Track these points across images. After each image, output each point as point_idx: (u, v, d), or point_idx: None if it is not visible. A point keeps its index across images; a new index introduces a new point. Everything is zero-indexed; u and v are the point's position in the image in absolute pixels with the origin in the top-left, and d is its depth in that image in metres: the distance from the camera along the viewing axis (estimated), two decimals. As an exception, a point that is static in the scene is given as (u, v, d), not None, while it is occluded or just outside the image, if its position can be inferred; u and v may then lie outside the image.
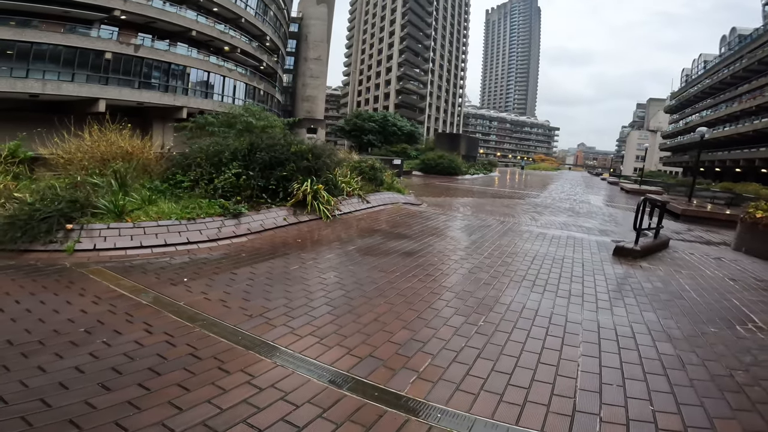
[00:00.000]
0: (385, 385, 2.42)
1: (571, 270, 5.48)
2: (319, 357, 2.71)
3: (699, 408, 2.30)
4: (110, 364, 2.46)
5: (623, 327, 3.53)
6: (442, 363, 2.70)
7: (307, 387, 2.35)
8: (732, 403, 2.36)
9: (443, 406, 2.25)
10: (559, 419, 2.19)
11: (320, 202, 7.49)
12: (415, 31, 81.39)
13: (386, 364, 2.66)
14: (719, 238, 10.98)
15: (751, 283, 5.46)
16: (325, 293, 3.87)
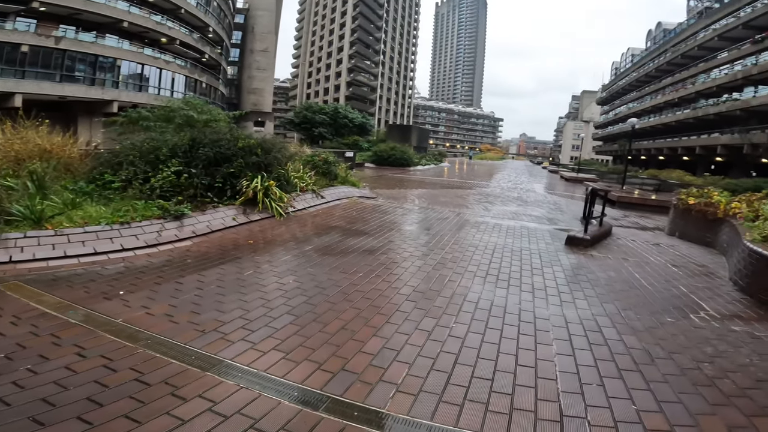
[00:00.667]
0: (363, 403, 2.21)
1: (530, 262, 5.54)
2: (287, 375, 2.44)
3: (679, 405, 2.30)
4: (40, 394, 2.08)
5: (589, 321, 3.55)
6: (420, 372, 2.53)
7: (279, 411, 2.08)
8: (708, 398, 2.39)
9: (429, 422, 2.07)
10: (548, 426, 2.09)
11: (272, 199, 7.06)
12: (366, 23, 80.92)
13: (362, 378, 2.45)
14: (653, 223, 11.80)
15: (692, 268, 5.81)
16: (286, 300, 3.57)
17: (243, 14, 50.78)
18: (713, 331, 3.44)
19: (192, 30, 35.65)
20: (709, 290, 4.71)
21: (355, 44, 78.30)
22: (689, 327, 3.52)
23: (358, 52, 78.79)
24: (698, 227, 8.49)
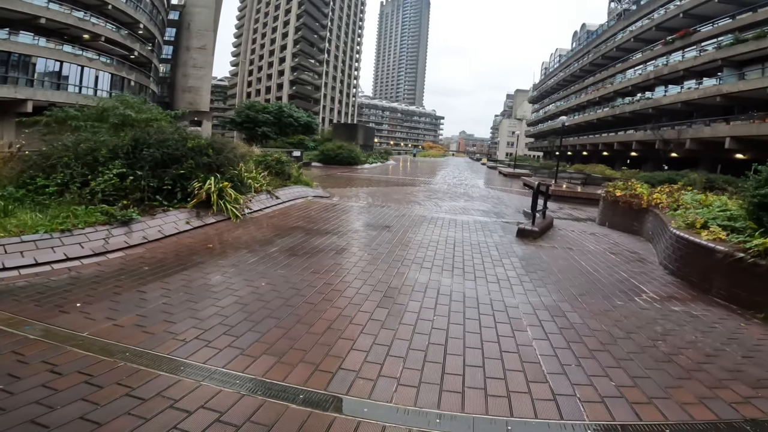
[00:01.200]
0: (370, 399, 2.24)
1: (489, 254, 5.84)
2: (287, 378, 2.40)
3: (649, 380, 2.57)
4: (26, 416, 1.90)
5: (553, 306, 3.84)
6: (415, 366, 2.60)
7: (290, 414, 2.06)
8: (671, 372, 2.68)
9: (436, 410, 2.15)
10: (545, 405, 2.26)
11: (227, 201, 6.79)
12: (311, 21, 79.71)
13: (361, 375, 2.48)
14: (585, 214, 12.86)
15: (627, 255, 6.44)
16: (264, 304, 3.48)
17: (178, 11, 48.55)
18: (658, 312, 3.86)
19: (120, 26, 33.48)
20: (645, 275, 5.27)
21: (300, 42, 77.12)
22: (637, 309, 3.92)
23: (302, 50, 77.70)
24: (625, 217, 9.39)
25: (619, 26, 45.15)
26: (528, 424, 2.12)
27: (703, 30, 31.43)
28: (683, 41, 33.24)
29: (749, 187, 4.85)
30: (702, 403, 2.32)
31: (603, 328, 3.36)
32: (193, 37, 48.16)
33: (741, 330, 3.48)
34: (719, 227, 4.98)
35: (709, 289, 4.46)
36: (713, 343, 3.17)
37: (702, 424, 2.14)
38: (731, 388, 2.47)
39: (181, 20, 48.93)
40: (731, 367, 2.78)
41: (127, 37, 34.57)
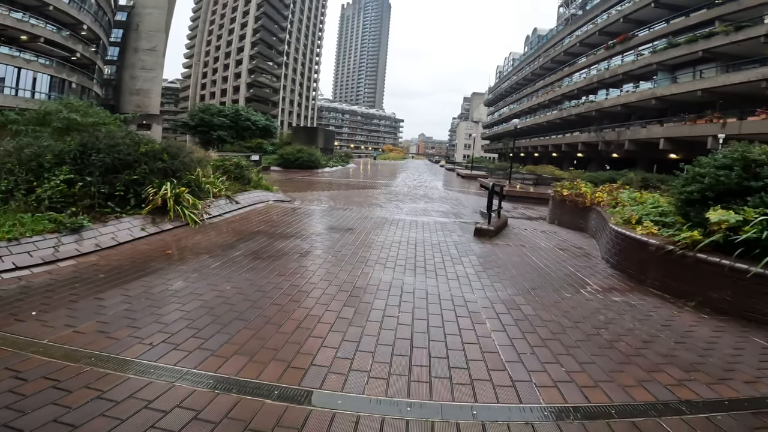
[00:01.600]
0: (343, 391, 2.35)
1: (449, 252, 6.10)
2: (260, 376, 2.47)
3: (594, 365, 2.83)
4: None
5: (509, 300, 4.12)
6: (384, 358, 2.73)
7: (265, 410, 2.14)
8: (613, 358, 2.97)
9: (405, 399, 2.30)
10: (506, 390, 2.47)
11: (185, 206, 6.66)
12: (270, 23, 78.39)
13: (333, 370, 2.59)
14: (536, 213, 13.57)
15: (573, 251, 6.93)
16: (230, 307, 3.49)
17: (126, 12, 46.40)
18: (600, 303, 4.22)
19: (61, 27, 31.91)
20: (590, 269, 5.71)
21: (258, 44, 75.73)
22: (583, 300, 4.27)
23: (260, 52, 76.35)
24: (572, 215, 10.04)
25: (567, 31, 47.29)
26: (491, 408, 2.30)
27: (640, 34, 33.42)
28: (623, 45, 35.36)
29: (677, 185, 5.39)
30: (641, 386, 2.58)
31: (553, 319, 3.66)
32: (143, 39, 46.17)
33: (674, 318, 3.87)
34: (652, 222, 5.51)
35: (645, 280, 4.93)
36: (649, 330, 3.51)
37: (642, 405, 2.38)
38: (666, 372, 2.77)
39: (129, 21, 46.93)
40: (666, 353, 3.09)
41: (69, 38, 33.05)
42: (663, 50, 29.84)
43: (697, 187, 4.90)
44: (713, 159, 5.18)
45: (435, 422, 2.15)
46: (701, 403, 2.40)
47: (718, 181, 4.74)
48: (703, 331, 3.54)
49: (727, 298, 3.95)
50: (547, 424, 2.18)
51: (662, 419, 2.23)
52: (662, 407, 2.36)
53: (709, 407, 2.38)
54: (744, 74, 23.35)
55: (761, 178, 4.50)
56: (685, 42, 27.54)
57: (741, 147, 5.01)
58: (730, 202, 4.58)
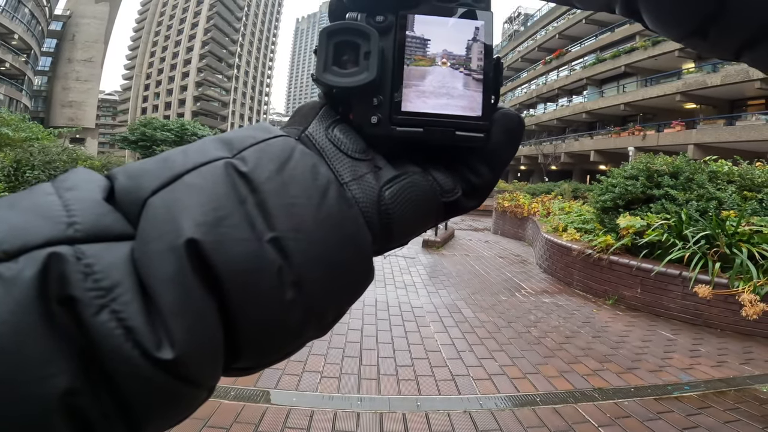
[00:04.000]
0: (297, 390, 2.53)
1: (398, 263, 6.41)
2: None
3: (524, 359, 3.19)
4: None
5: (451, 305, 4.47)
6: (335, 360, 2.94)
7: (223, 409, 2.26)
8: (540, 352, 3.35)
9: (357, 394, 2.52)
10: (446, 384, 2.75)
11: None
12: (220, 36, 76.21)
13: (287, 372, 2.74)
14: (482, 225, 14.31)
15: (512, 258, 7.50)
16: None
17: (62, 21, 43.60)
18: (532, 304, 4.69)
19: None
20: (525, 274, 6.26)
21: (206, 57, 73.30)
22: (517, 302, 4.73)
23: (209, 65, 73.93)
24: (512, 225, 10.78)
25: (510, 46, 48.81)
26: (433, 399, 2.57)
27: (573, 50, 34.99)
28: (558, 61, 36.82)
29: (594, 195, 6.09)
30: (562, 376, 2.94)
31: (490, 320, 4.04)
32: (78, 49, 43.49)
33: (593, 315, 4.36)
34: (575, 229, 6.15)
35: (572, 283, 5.50)
36: (572, 327, 3.95)
37: (562, 392, 2.73)
38: (584, 363, 3.16)
39: (64, 31, 44.17)
40: (584, 346, 3.50)
41: (-1, 47, 30.66)
42: (592, 65, 31.13)
43: (609, 196, 5.58)
44: (623, 170, 5.91)
45: (383, 413, 2.38)
46: (611, 390, 2.77)
47: (626, 191, 5.43)
48: (617, 326, 4.05)
49: (638, 296, 4.55)
50: (482, 411, 2.46)
51: (578, 405, 2.57)
52: (579, 395, 2.70)
53: (618, 394, 2.74)
54: (660, 88, 25.27)
55: (662, 186, 5.23)
56: (610, 57, 28.98)
57: (646, 159, 5.77)
58: (636, 209, 5.27)
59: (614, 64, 28.71)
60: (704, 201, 4.93)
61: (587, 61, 32.68)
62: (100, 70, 45.29)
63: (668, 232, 4.59)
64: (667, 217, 4.78)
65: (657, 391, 2.77)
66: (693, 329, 3.96)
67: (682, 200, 5.01)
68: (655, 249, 4.63)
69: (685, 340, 3.70)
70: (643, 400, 2.65)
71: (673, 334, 3.83)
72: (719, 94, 22.71)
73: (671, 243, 4.44)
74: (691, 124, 23.76)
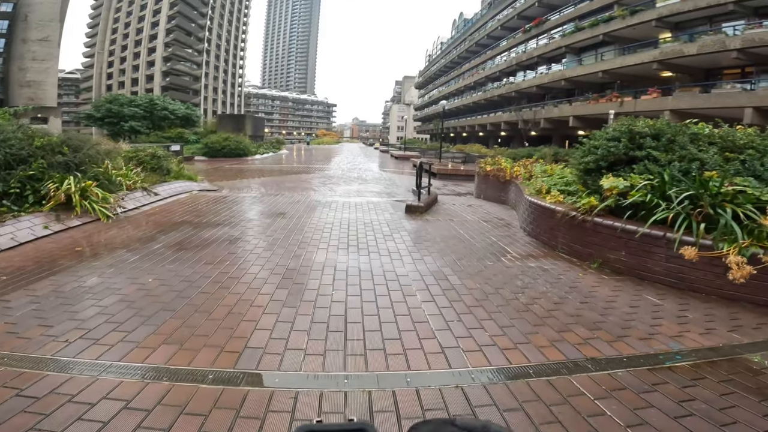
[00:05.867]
0: (279, 370, 2.40)
1: (381, 230, 6.27)
2: (192, 363, 2.45)
3: (513, 328, 3.10)
4: None
5: (437, 272, 4.36)
6: (319, 336, 2.81)
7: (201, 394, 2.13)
8: (529, 320, 3.25)
9: (343, 372, 2.40)
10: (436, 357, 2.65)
11: (93, 201, 6.16)
12: (188, 9, 73.10)
13: (268, 351, 2.61)
14: (465, 189, 14.26)
15: (496, 222, 7.44)
16: (154, 299, 3.35)
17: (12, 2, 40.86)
18: (518, 269, 4.61)
19: None
20: (509, 238, 6.19)
21: (174, 31, 70.79)
22: (503, 267, 4.64)
23: (177, 39, 71.40)
24: (495, 189, 10.72)
25: (490, 15, 48.54)
26: (423, 374, 2.46)
27: (552, 18, 35.27)
28: (538, 29, 37.27)
29: (577, 157, 5.99)
30: (553, 346, 2.84)
31: (477, 287, 3.95)
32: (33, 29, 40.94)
33: (579, 279, 4.30)
34: (558, 192, 6.09)
35: (556, 246, 5.47)
36: (558, 293, 3.87)
37: (555, 363, 2.63)
38: (574, 332, 3.07)
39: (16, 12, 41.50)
40: (573, 313, 3.42)
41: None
42: (570, 34, 31.81)
43: (592, 158, 5.49)
44: (605, 132, 5.81)
45: (372, 391, 2.26)
46: (604, 361, 2.68)
47: (609, 152, 5.34)
48: (604, 291, 4.00)
49: (622, 258, 4.52)
50: (474, 386, 2.36)
51: (572, 377, 2.49)
52: (572, 366, 2.60)
53: (611, 364, 2.61)
54: (637, 56, 25.71)
55: (644, 147, 5.15)
56: (588, 26, 29.46)
57: (627, 121, 5.67)
58: (619, 170, 5.20)
59: (593, 33, 29.06)
60: (686, 162, 4.88)
61: (566, 29, 33.06)
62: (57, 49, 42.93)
63: (651, 192, 4.53)
64: (650, 177, 4.72)
65: (649, 361, 2.70)
66: (678, 294, 3.95)
67: (665, 161, 4.95)
68: (639, 210, 4.59)
69: (672, 305, 3.68)
70: (637, 370, 2.58)
71: (659, 299, 3.81)
72: (695, 63, 23.10)
73: (655, 204, 4.40)
74: (668, 92, 24.22)
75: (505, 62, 43.22)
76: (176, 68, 72.53)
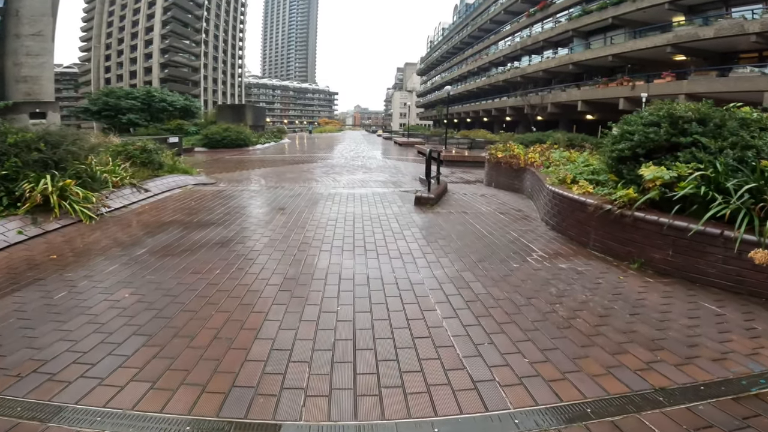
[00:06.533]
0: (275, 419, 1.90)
1: (390, 227, 5.71)
2: (166, 408, 1.95)
3: (557, 351, 2.55)
4: None
5: (456, 278, 3.80)
6: (323, 370, 2.28)
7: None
8: (574, 340, 2.69)
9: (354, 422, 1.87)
10: (468, 395, 2.12)
11: (74, 201, 5.63)
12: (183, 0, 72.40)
13: (261, 391, 2.11)
14: (473, 176, 13.66)
15: (513, 214, 6.85)
16: (128, 319, 2.83)
17: None
18: (548, 272, 4.03)
19: None
20: (532, 232, 5.61)
21: (170, 23, 70.58)
22: (531, 270, 4.06)
23: (173, 31, 71.19)
24: (507, 177, 10.11)
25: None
26: (454, 422, 1.93)
27: (558, 2, 34.66)
28: (543, 13, 36.56)
29: (607, 143, 5.38)
30: (610, 374, 2.30)
31: (505, 296, 3.39)
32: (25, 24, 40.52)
33: (622, 284, 3.73)
34: (586, 181, 5.48)
35: (587, 243, 4.88)
36: (602, 302, 3.30)
37: (618, 398, 2.08)
38: (631, 353, 2.52)
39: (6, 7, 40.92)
40: (624, 328, 2.85)
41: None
42: (578, 17, 31.10)
43: (627, 145, 4.88)
44: (639, 117, 5.19)
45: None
46: (677, 391, 2.16)
47: (647, 138, 4.72)
48: (653, 298, 3.43)
49: (669, 258, 3.94)
50: None
51: (642, 415, 1.96)
52: (639, 400, 2.07)
53: (687, 395, 2.11)
54: (650, 40, 24.92)
55: (689, 133, 4.53)
56: (596, 9, 28.80)
57: (665, 105, 5.05)
58: (661, 158, 4.59)
59: (601, 16, 28.26)
60: (739, 149, 4.27)
61: (573, 13, 32.31)
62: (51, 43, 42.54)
63: (705, 184, 3.94)
64: (699, 167, 4.12)
65: (732, 389, 2.16)
66: (737, 300, 3.38)
67: (715, 149, 4.34)
68: (688, 204, 4.00)
69: (735, 315, 3.11)
70: (720, 401, 2.06)
71: (719, 307, 3.24)
72: (711, 46, 22.44)
73: (710, 197, 3.81)
74: (682, 75, 23.46)
75: (510, 47, 42.43)
76: (174, 60, 72.28)
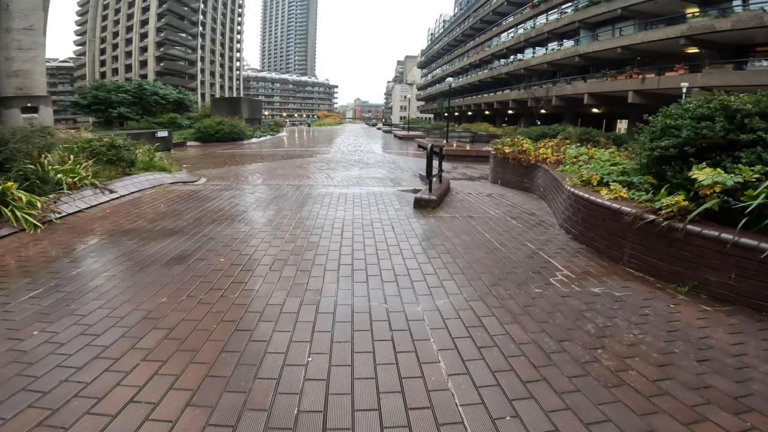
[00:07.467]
0: None
1: (384, 237, 4.89)
2: None
3: (608, 424, 1.79)
4: None
5: (465, 311, 2.99)
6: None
7: None
8: (631, 405, 1.93)
9: None
10: None
11: (16, 206, 4.80)
12: None
13: None
14: (477, 172, 12.82)
15: (527, 219, 6.02)
16: (25, 367, 2.02)
17: None
18: (579, 298, 3.23)
19: None
20: (551, 243, 4.77)
21: (166, 15, 70.09)
22: (558, 298, 3.25)
23: (169, 24, 70.79)
24: (516, 174, 9.26)
25: None
26: None
27: None
28: (547, 4, 35.56)
29: (644, 140, 4.56)
30: None
31: (530, 339, 2.59)
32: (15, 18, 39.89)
33: (674, 315, 2.96)
34: (618, 184, 4.65)
35: (620, 258, 4.05)
36: (656, 343, 2.55)
37: None
38: (712, 420, 1.79)
39: None
40: (695, 383, 2.13)
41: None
42: (584, 8, 30.20)
43: (672, 142, 4.05)
44: (684, 109, 4.36)
45: None
46: None
47: (698, 134, 3.89)
48: (719, 335, 2.64)
49: (731, 283, 3.12)
50: None
51: None
52: None
53: None
54: (662, 31, 23.96)
55: (752, 130, 3.70)
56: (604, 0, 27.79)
57: (716, 96, 4.23)
58: (715, 158, 3.77)
59: (609, 7, 27.34)
60: (817, 151, 3.45)
61: (579, 3, 31.41)
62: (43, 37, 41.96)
63: (782, 191, 3.11)
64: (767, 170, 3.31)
65: None
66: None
67: (788, 149, 3.52)
68: (754, 217, 3.18)
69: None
70: None
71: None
72: (726, 39, 21.50)
73: (789, 208, 2.99)
74: (695, 68, 22.56)
75: (513, 39, 41.52)
76: (170, 53, 71.75)
